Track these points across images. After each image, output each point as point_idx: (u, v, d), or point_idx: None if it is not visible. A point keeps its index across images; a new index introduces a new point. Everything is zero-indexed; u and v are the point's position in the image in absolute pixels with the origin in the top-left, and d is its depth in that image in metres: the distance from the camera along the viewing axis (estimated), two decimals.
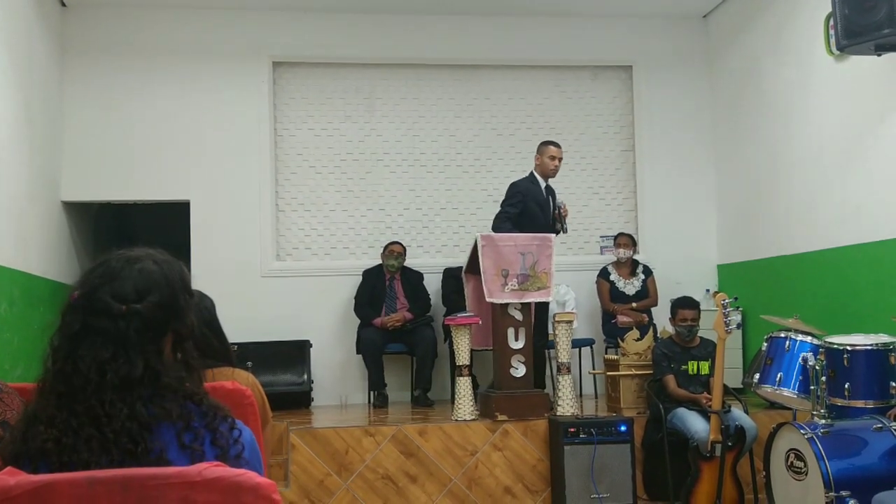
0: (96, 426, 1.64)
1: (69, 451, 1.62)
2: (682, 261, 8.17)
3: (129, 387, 1.67)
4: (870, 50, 5.40)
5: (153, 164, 7.71)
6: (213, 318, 3.25)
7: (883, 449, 4.31)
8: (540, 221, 6.64)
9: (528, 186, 6.76)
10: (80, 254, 7.88)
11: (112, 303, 1.71)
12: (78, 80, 7.65)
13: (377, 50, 8.12)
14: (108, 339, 1.69)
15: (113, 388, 1.66)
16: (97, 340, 1.69)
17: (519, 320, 6.16)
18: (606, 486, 5.66)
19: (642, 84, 8.48)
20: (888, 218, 5.85)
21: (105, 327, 1.70)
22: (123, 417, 1.64)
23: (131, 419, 1.65)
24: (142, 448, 1.64)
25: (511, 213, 6.64)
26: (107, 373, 1.67)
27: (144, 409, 1.67)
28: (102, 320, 1.70)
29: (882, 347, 4.72)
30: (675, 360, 5.84)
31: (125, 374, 1.67)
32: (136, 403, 1.67)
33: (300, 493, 5.67)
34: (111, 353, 1.68)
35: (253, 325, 7.34)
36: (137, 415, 1.66)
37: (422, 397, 7.19)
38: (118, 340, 1.69)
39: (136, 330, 1.71)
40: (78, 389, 1.66)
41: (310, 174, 8.09)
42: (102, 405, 1.65)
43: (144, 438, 1.65)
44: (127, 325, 1.71)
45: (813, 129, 6.75)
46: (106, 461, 1.62)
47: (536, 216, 6.65)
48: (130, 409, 1.66)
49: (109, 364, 1.67)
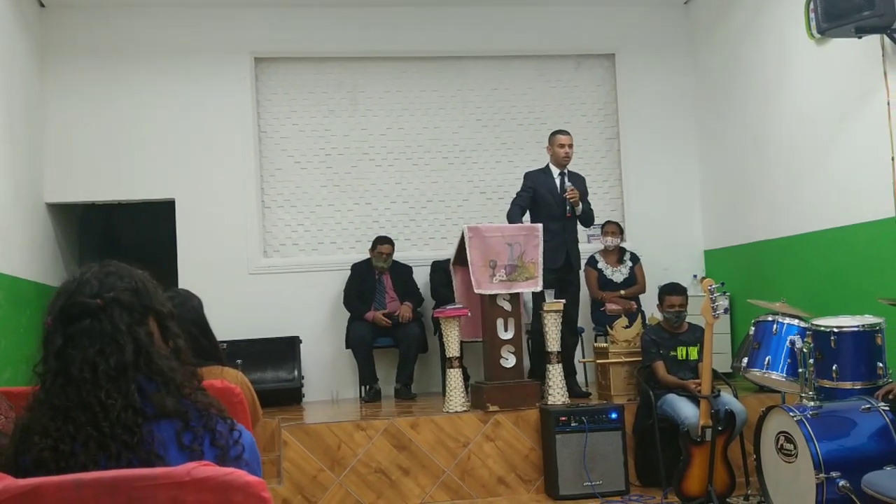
0: (94, 424, 1.64)
1: (66, 458, 1.62)
2: (669, 247, 8.20)
3: (124, 371, 1.69)
4: (850, 32, 5.42)
5: (136, 164, 7.67)
6: (201, 317, 3.25)
7: (872, 429, 4.35)
8: (553, 210, 6.69)
9: (537, 176, 6.87)
10: (65, 255, 7.85)
11: (88, 300, 1.73)
12: (58, 81, 7.60)
13: (359, 43, 8.10)
14: (94, 336, 1.71)
15: (107, 379, 1.67)
16: (83, 342, 1.70)
17: (508, 311, 6.17)
18: (599, 473, 5.69)
19: (625, 72, 8.48)
20: (871, 200, 5.87)
21: (87, 327, 1.71)
22: (119, 408, 1.65)
23: (126, 409, 1.66)
24: (137, 438, 1.64)
25: (519, 200, 6.76)
26: (98, 365, 1.68)
27: (139, 396, 1.68)
28: (84, 322, 1.72)
29: (868, 328, 4.75)
30: (664, 346, 5.86)
31: (117, 361, 1.69)
32: (130, 390, 1.68)
33: (293, 489, 5.67)
34: (98, 346, 1.70)
35: (242, 322, 7.34)
36: (132, 403, 1.67)
37: (402, 391, 7.19)
38: (104, 334, 1.71)
39: (119, 316, 1.73)
40: (73, 395, 1.66)
41: (295, 170, 8.07)
42: (98, 399, 1.65)
43: (140, 426, 1.65)
44: (109, 315, 1.73)
45: (795, 113, 6.77)
46: (104, 458, 1.62)
47: (549, 205, 6.71)
48: (126, 398, 1.67)
49: (99, 357, 1.69)
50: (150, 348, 1.75)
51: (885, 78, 5.68)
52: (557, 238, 6.60)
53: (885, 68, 5.67)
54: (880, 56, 5.69)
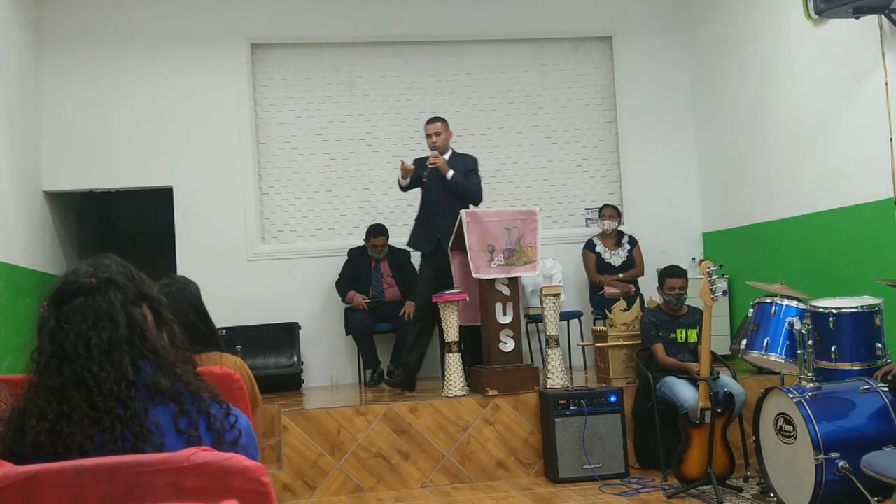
0: (88, 400, 1.65)
1: (64, 439, 1.62)
2: (668, 230, 8.20)
3: (117, 346, 1.69)
4: (847, 13, 5.40)
5: (134, 152, 7.65)
6: (199, 303, 3.25)
7: (871, 410, 4.35)
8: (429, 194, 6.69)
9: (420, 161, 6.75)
10: (63, 243, 7.84)
11: (82, 279, 1.74)
12: (55, 69, 7.57)
13: (355, 29, 8.07)
14: (88, 312, 1.71)
15: (100, 353, 1.68)
16: (76, 318, 1.71)
17: (506, 295, 6.17)
18: (598, 456, 5.70)
19: (622, 55, 8.46)
20: (868, 180, 5.87)
21: (81, 304, 1.72)
22: (112, 380, 1.66)
23: (119, 382, 1.66)
24: (131, 412, 1.65)
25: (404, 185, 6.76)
26: (91, 339, 1.68)
27: (132, 369, 1.68)
28: (78, 300, 1.72)
29: (867, 309, 4.74)
30: (664, 328, 5.86)
31: (109, 336, 1.69)
32: (124, 362, 1.68)
33: (294, 474, 5.68)
34: (92, 321, 1.70)
35: (241, 309, 7.36)
36: (126, 375, 1.67)
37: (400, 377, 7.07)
38: (98, 310, 1.72)
39: (114, 295, 1.74)
40: (68, 373, 1.67)
41: (292, 156, 8.06)
42: (91, 373, 1.66)
43: (133, 400, 1.66)
44: (103, 293, 1.73)
45: (792, 94, 6.76)
46: (98, 433, 1.63)
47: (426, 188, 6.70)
48: (118, 371, 1.67)
49: (93, 331, 1.69)
50: (145, 326, 1.75)
51: (882, 59, 5.66)
52: (429, 223, 6.64)
53: (883, 49, 5.65)
54: (878, 36, 5.68)
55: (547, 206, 8.27)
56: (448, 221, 6.38)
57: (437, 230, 6.53)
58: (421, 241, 6.73)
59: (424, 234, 6.68)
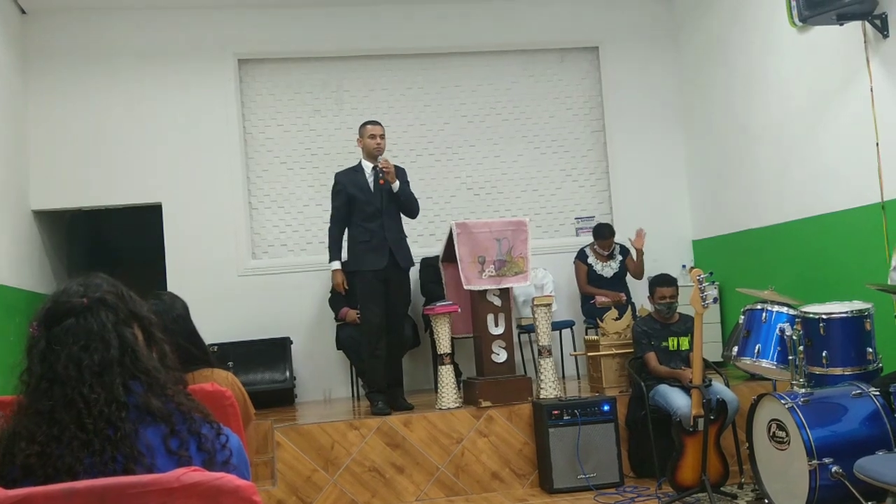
0: (77, 422, 1.64)
1: (54, 462, 1.61)
2: (657, 238, 8.20)
3: (109, 367, 1.69)
4: (832, 20, 5.45)
5: (122, 169, 7.64)
6: (187, 319, 3.23)
7: (863, 415, 4.37)
8: (367, 208, 6.22)
9: (346, 175, 6.39)
10: (53, 262, 7.81)
11: (73, 299, 1.74)
12: (42, 87, 7.55)
13: (342, 42, 8.08)
14: (79, 333, 1.71)
15: (92, 374, 1.67)
16: (67, 340, 1.70)
17: (498, 306, 6.18)
18: (593, 465, 5.70)
19: (610, 64, 8.49)
20: (856, 185, 5.90)
21: (72, 325, 1.72)
22: (102, 402, 1.65)
23: (110, 403, 1.66)
24: (121, 434, 1.64)
25: (334, 219, 6.37)
26: (83, 361, 1.68)
27: (122, 390, 1.68)
28: (69, 320, 1.72)
29: (857, 314, 4.76)
30: (655, 336, 5.87)
31: (101, 358, 1.69)
32: (115, 384, 1.68)
33: (288, 490, 5.66)
34: (83, 343, 1.70)
35: (232, 324, 7.34)
36: (117, 396, 1.66)
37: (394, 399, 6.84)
38: (89, 331, 1.71)
39: (105, 315, 1.74)
40: (58, 395, 1.66)
41: (281, 170, 8.05)
42: (82, 395, 1.65)
43: (123, 421, 1.65)
44: (94, 314, 1.73)
45: (779, 101, 6.79)
46: (88, 456, 1.62)
47: (363, 203, 6.23)
48: (109, 392, 1.66)
49: (84, 353, 1.69)
50: (136, 346, 1.75)
51: (867, 64, 5.70)
52: (377, 237, 6.17)
53: (868, 55, 5.69)
54: (862, 42, 5.72)
55: (537, 216, 8.28)
56: (396, 234, 6.23)
57: (388, 242, 6.21)
58: (369, 258, 6.18)
59: (372, 249, 6.19)
